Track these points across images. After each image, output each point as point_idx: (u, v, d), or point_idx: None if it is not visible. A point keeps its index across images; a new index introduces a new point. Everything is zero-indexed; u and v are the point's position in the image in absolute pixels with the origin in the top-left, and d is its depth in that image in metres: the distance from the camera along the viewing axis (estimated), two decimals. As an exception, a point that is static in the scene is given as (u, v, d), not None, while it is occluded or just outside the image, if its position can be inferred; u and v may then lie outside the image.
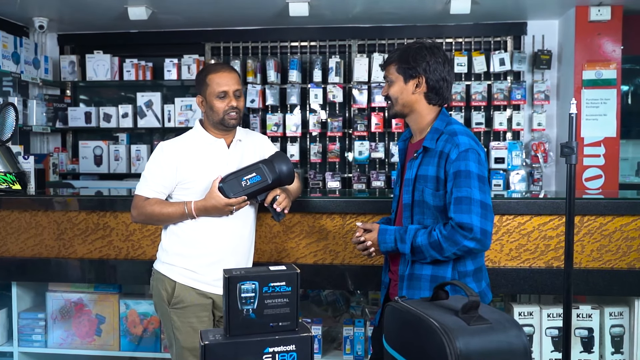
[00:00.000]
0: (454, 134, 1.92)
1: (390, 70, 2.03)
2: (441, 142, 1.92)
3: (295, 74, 4.94)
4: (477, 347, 1.34)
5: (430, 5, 4.41)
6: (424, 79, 1.97)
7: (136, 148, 5.14)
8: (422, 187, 1.94)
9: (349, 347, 2.98)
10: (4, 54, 4.41)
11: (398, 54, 2.02)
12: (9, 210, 2.93)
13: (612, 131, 4.48)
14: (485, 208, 1.85)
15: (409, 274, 1.99)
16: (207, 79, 2.26)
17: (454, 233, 1.84)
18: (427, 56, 1.96)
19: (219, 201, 2.15)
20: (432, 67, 1.96)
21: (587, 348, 2.79)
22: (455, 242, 1.84)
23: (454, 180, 1.86)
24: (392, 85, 2.02)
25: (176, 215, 2.22)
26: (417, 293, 1.95)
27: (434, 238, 1.87)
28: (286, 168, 2.22)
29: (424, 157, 1.96)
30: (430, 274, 1.95)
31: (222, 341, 1.39)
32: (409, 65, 1.97)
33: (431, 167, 1.92)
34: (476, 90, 4.84)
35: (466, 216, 1.82)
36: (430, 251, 1.88)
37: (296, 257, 2.78)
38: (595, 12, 4.39)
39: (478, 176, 1.86)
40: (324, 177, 4.99)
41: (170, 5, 4.42)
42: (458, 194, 1.85)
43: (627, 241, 2.64)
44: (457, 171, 1.86)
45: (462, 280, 1.95)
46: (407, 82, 1.99)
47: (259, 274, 1.42)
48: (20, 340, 3.13)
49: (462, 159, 1.86)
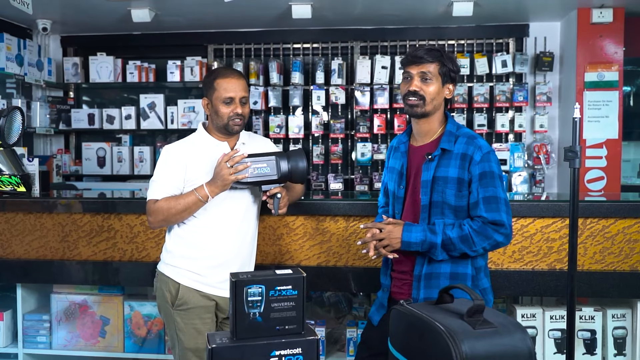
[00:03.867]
0: (473, 137, 2.00)
1: (429, 67, 2.00)
2: (461, 144, 1.98)
3: (297, 76, 4.95)
4: (483, 351, 1.35)
5: (432, 7, 4.42)
6: (454, 88, 2.06)
7: (139, 150, 5.16)
8: (441, 189, 1.97)
9: (352, 348, 2.99)
10: (8, 56, 4.43)
11: (440, 55, 2.02)
12: (13, 213, 2.94)
13: (614, 133, 4.49)
14: (508, 205, 1.96)
15: (426, 274, 2.00)
16: (215, 83, 2.26)
17: (486, 228, 1.92)
18: (459, 70, 2.08)
19: (219, 162, 2.15)
20: (458, 79, 2.05)
21: (590, 350, 2.80)
22: (487, 236, 1.92)
23: (479, 181, 1.94)
24: (429, 83, 2.00)
25: (192, 199, 2.19)
26: (436, 292, 1.92)
27: (465, 232, 1.92)
28: (300, 167, 2.20)
29: (440, 159, 1.99)
30: (450, 271, 1.98)
31: (229, 344, 1.40)
32: (454, 71, 2.03)
33: (452, 169, 1.96)
34: (478, 92, 4.84)
35: (496, 214, 1.91)
36: (460, 244, 1.93)
37: (299, 259, 2.79)
38: (597, 14, 4.40)
39: (499, 176, 1.97)
40: (326, 179, 5.00)
41: (173, 7, 4.43)
42: (485, 193, 1.93)
43: (629, 243, 2.65)
44: (483, 172, 1.94)
45: (478, 275, 2.01)
46: (444, 85, 2.03)
47: (265, 278, 1.43)
48: (24, 342, 3.15)
49: (486, 160, 1.95)
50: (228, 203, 2.28)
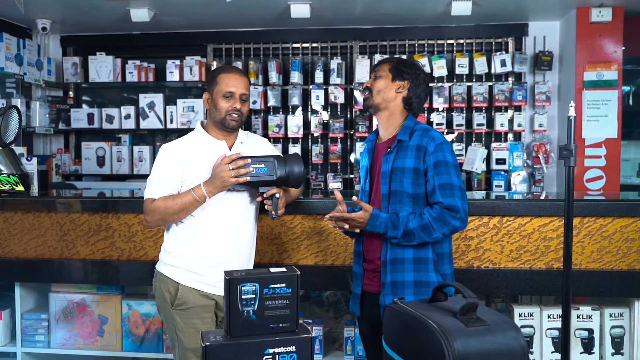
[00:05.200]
0: (427, 129, 2.14)
1: (382, 67, 2.23)
2: (416, 137, 2.12)
3: (296, 75, 4.95)
4: (475, 349, 1.35)
5: (431, 7, 4.42)
6: (408, 85, 2.19)
7: (138, 149, 5.16)
8: (399, 178, 2.10)
9: (350, 347, 2.99)
10: (7, 56, 4.44)
11: (395, 58, 2.28)
12: (12, 212, 2.95)
13: (613, 132, 4.48)
14: (462, 192, 2.08)
15: (391, 259, 2.12)
16: (217, 77, 2.29)
17: (444, 214, 2.03)
18: (420, 72, 2.21)
19: (217, 163, 2.17)
20: (418, 81, 2.19)
21: (588, 349, 2.80)
22: (445, 222, 2.03)
23: (434, 170, 2.07)
24: (379, 79, 2.21)
25: (189, 199, 2.20)
26: (401, 275, 2.10)
27: (425, 220, 2.03)
28: (297, 171, 2.24)
29: (398, 151, 2.13)
30: (413, 256, 2.10)
31: (223, 342, 1.41)
32: (403, 69, 2.19)
33: (408, 160, 2.10)
34: (477, 92, 4.84)
35: (451, 199, 2.03)
36: (420, 233, 2.04)
37: (297, 258, 2.79)
38: (596, 13, 4.40)
39: (453, 165, 2.09)
40: (325, 178, 5.01)
41: (173, 7, 4.44)
42: (440, 181, 2.05)
43: (627, 242, 2.65)
44: (437, 161, 2.07)
45: (440, 261, 2.13)
46: (394, 81, 2.19)
47: (259, 276, 1.43)
48: (23, 341, 3.16)
49: (439, 150, 2.08)
50: (226, 202, 2.28)
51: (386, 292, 2.11)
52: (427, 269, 2.10)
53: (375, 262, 2.20)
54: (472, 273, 2.68)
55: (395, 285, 2.10)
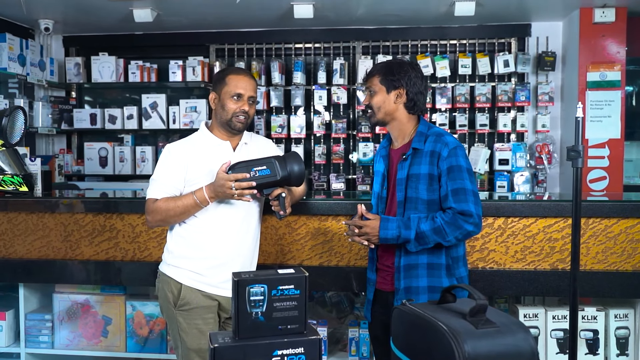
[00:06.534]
0: (440, 134, 2.14)
1: (373, 81, 2.21)
2: (430, 143, 2.12)
3: (299, 76, 4.95)
4: (485, 351, 1.34)
5: (434, 7, 4.42)
6: (405, 90, 2.17)
7: (141, 149, 5.16)
8: (415, 185, 2.11)
9: (354, 348, 2.99)
10: (10, 56, 4.43)
11: (381, 67, 2.22)
12: (16, 212, 2.95)
13: (616, 133, 4.48)
14: (476, 196, 2.07)
15: (405, 265, 2.13)
16: (226, 78, 2.29)
17: (456, 219, 2.03)
18: (409, 71, 2.17)
19: (222, 176, 2.14)
20: (413, 81, 2.17)
21: (592, 350, 2.80)
22: (458, 226, 2.03)
23: (447, 175, 2.07)
24: (374, 95, 2.20)
25: (190, 202, 2.19)
26: (415, 281, 2.11)
27: (438, 224, 2.03)
28: (297, 169, 2.23)
29: (413, 158, 2.13)
30: (427, 262, 2.11)
31: (231, 344, 1.40)
32: (393, 77, 2.16)
33: (423, 166, 2.10)
34: (480, 92, 4.84)
35: (464, 204, 2.03)
36: (434, 236, 2.05)
37: (301, 258, 2.79)
38: (599, 13, 4.40)
39: (467, 169, 2.09)
40: (328, 179, 5.00)
41: (175, 7, 4.44)
42: (454, 186, 2.05)
43: (632, 243, 2.65)
44: (450, 166, 2.07)
45: (455, 264, 2.14)
46: (389, 92, 2.18)
47: (267, 277, 1.43)
48: (27, 341, 3.16)
49: (453, 155, 2.08)
50: (229, 203, 2.28)
51: (400, 297, 2.12)
52: (440, 275, 2.11)
53: (389, 267, 2.21)
54: (477, 274, 2.67)
55: (408, 291, 2.11)
